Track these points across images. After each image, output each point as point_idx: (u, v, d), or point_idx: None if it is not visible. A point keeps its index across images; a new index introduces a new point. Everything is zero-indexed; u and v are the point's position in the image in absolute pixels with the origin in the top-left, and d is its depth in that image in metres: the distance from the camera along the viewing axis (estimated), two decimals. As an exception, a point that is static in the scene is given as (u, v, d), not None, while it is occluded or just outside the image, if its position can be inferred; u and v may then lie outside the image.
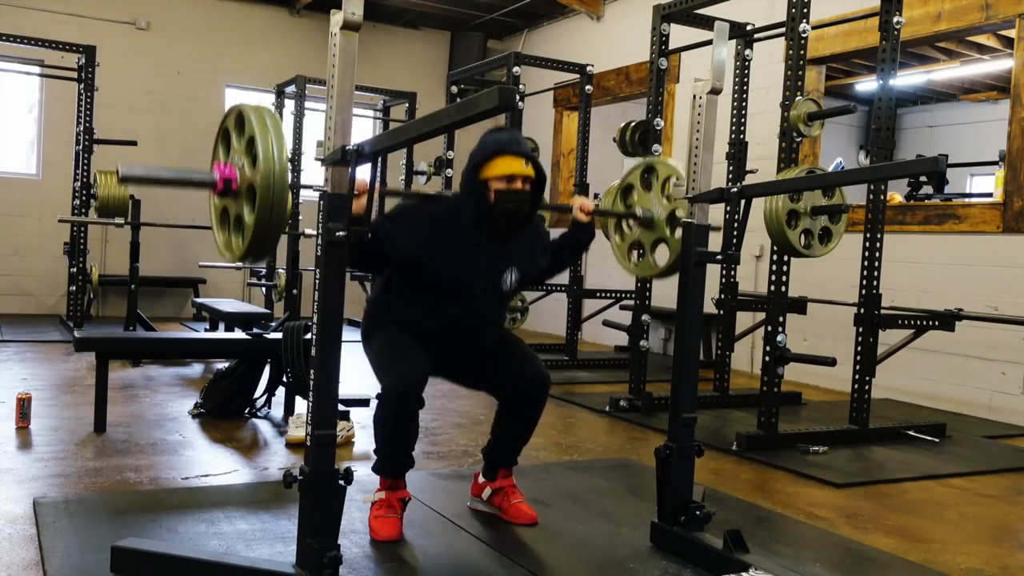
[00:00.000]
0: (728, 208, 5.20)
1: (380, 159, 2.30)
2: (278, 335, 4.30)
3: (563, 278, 7.04)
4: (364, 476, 3.07)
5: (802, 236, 4.11)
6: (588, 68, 6.90)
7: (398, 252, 2.60)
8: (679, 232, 2.76)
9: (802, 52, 4.32)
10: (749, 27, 5.38)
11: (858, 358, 4.56)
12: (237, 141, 2.14)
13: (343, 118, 2.05)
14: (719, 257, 2.68)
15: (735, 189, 2.68)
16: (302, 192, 8.13)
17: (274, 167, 2.00)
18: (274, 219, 2.03)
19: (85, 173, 7.34)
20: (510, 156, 2.61)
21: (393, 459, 2.71)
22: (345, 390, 3.16)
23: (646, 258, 3.00)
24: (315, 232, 2.10)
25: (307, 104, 8.10)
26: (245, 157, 2.09)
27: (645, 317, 5.23)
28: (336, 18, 2.02)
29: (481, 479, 2.98)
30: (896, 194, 6.95)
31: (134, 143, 7.53)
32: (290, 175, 2.04)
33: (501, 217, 2.63)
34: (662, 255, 3.00)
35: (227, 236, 2.20)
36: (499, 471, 2.92)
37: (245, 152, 2.09)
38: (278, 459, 3.62)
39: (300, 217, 7.97)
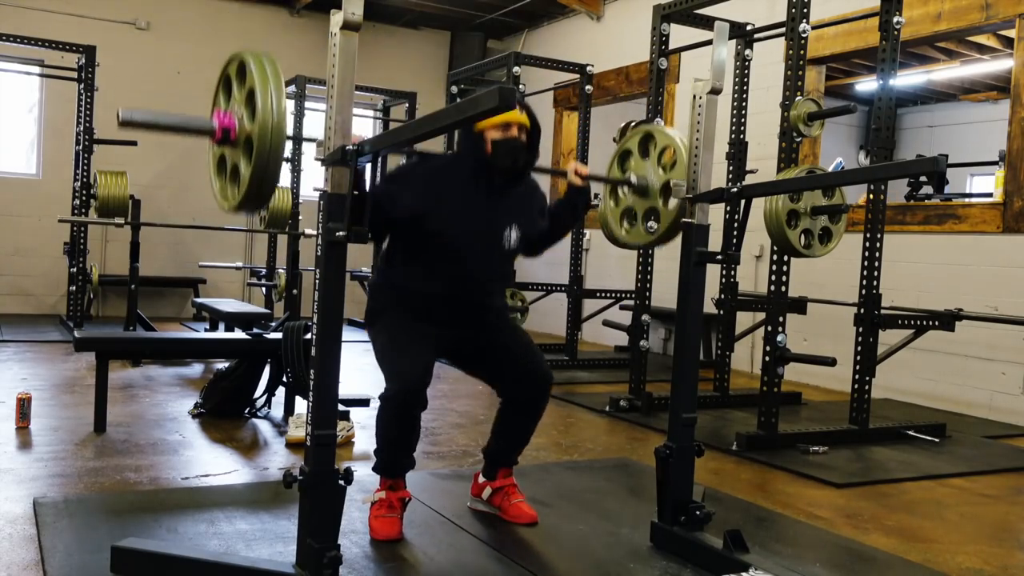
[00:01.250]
0: (728, 208, 5.21)
1: (380, 159, 2.30)
2: (278, 335, 4.30)
3: (563, 278, 7.04)
4: (364, 476, 3.07)
5: (802, 236, 4.11)
6: (588, 68, 6.90)
7: (399, 211, 2.59)
8: (672, 202, 2.74)
9: (802, 52, 4.32)
10: (749, 27, 5.38)
11: (858, 358, 4.56)
12: (238, 90, 2.12)
13: (343, 118, 2.05)
14: (719, 257, 2.68)
15: (735, 189, 2.68)
16: (302, 192, 8.14)
17: (272, 121, 1.99)
18: (270, 172, 2.03)
19: (85, 173, 7.34)
20: None
21: (393, 460, 2.71)
22: (345, 390, 3.16)
23: (637, 227, 2.97)
24: (315, 232, 2.10)
25: (307, 104, 8.10)
26: (245, 108, 2.07)
27: (645, 317, 5.23)
28: (336, 18, 2.02)
29: (481, 479, 2.98)
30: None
31: (134, 143, 7.50)
32: (290, 125, 2.03)
33: (499, 166, 2.65)
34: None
35: (223, 184, 2.19)
36: (499, 471, 2.92)
37: (245, 103, 2.07)
38: (278, 459, 3.62)
39: (300, 217, 7.96)
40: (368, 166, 2.13)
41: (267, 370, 4.45)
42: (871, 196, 4.57)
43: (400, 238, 2.74)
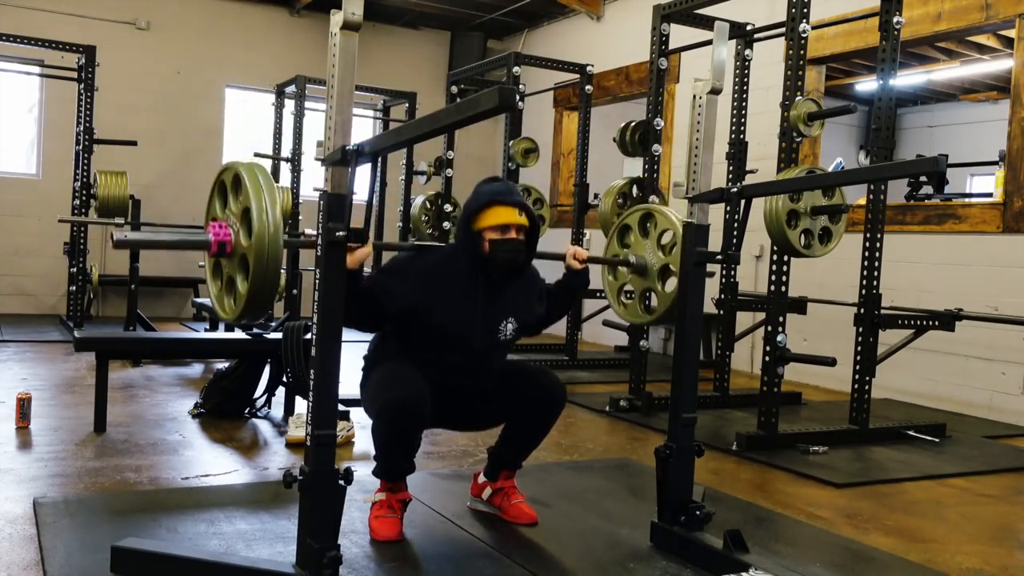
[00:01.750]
0: (728, 208, 5.21)
1: (380, 159, 2.30)
2: (278, 335, 4.30)
3: (563, 278, 7.03)
4: (364, 476, 3.07)
5: (802, 236, 4.11)
6: (588, 68, 6.90)
7: (395, 305, 2.59)
8: (671, 284, 2.80)
9: (802, 52, 4.32)
10: (749, 27, 5.38)
11: (858, 358, 4.56)
12: (233, 203, 2.15)
13: (343, 118, 2.05)
14: (719, 257, 2.68)
15: (735, 189, 2.68)
16: (302, 192, 8.13)
17: (267, 240, 2.01)
18: (267, 287, 2.06)
19: (85, 173, 7.34)
20: (503, 206, 2.63)
21: (393, 466, 2.70)
22: (345, 390, 3.16)
23: (634, 304, 3.05)
24: (315, 232, 2.10)
25: (307, 104, 8.10)
26: (241, 225, 2.10)
27: (645, 317, 5.22)
28: (336, 18, 2.02)
29: (482, 479, 2.98)
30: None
31: (134, 143, 7.53)
32: (283, 234, 2.05)
33: (496, 267, 2.65)
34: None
35: (220, 291, 2.23)
36: (501, 472, 2.93)
37: (241, 220, 2.10)
38: (278, 459, 3.62)
39: (300, 217, 7.96)
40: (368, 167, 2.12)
41: (267, 370, 4.45)
42: (871, 196, 4.57)
43: (394, 328, 2.73)
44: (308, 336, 4.06)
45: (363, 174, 2.16)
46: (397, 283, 2.62)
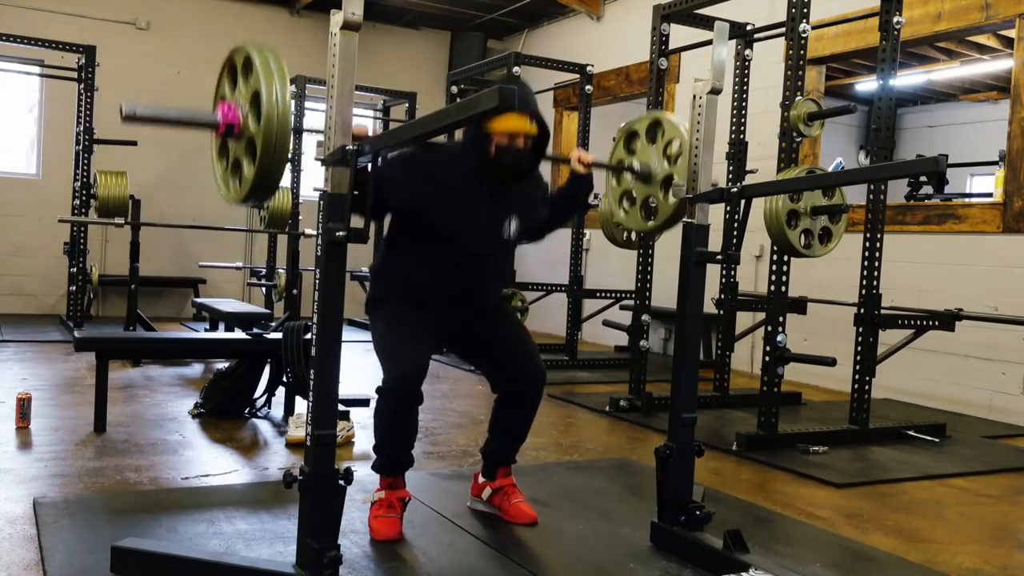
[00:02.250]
0: (728, 208, 5.21)
1: (380, 159, 2.30)
2: (278, 335, 4.30)
3: (563, 278, 7.04)
4: (364, 476, 3.07)
5: (802, 236, 4.11)
6: (588, 68, 6.90)
7: (397, 198, 2.59)
8: (672, 196, 2.74)
9: (802, 52, 4.32)
10: (749, 27, 5.38)
11: (858, 358, 4.56)
12: (243, 85, 2.09)
13: (343, 118, 2.05)
14: (719, 257, 2.68)
15: (735, 189, 2.68)
16: (302, 192, 8.13)
17: (276, 126, 1.97)
18: (273, 173, 2.02)
19: (85, 173, 7.34)
20: (516, 112, 2.58)
21: (393, 456, 2.71)
22: (345, 390, 3.16)
23: (634, 211, 2.97)
24: (315, 232, 2.10)
25: (307, 104, 8.10)
26: (250, 108, 2.05)
27: (645, 317, 5.23)
28: (336, 18, 2.02)
29: (481, 479, 2.98)
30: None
31: (134, 143, 7.51)
32: (292, 118, 2.00)
33: (500, 171, 2.64)
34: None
35: (225, 172, 2.17)
36: (498, 470, 2.92)
37: (250, 103, 2.05)
38: (278, 459, 3.62)
39: (300, 217, 7.96)
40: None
41: (267, 370, 4.45)
42: (871, 196, 4.57)
43: (401, 225, 2.74)
44: (308, 336, 4.06)
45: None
46: (401, 175, 2.61)
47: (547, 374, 2.86)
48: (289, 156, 2.06)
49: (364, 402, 4.30)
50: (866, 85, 9.60)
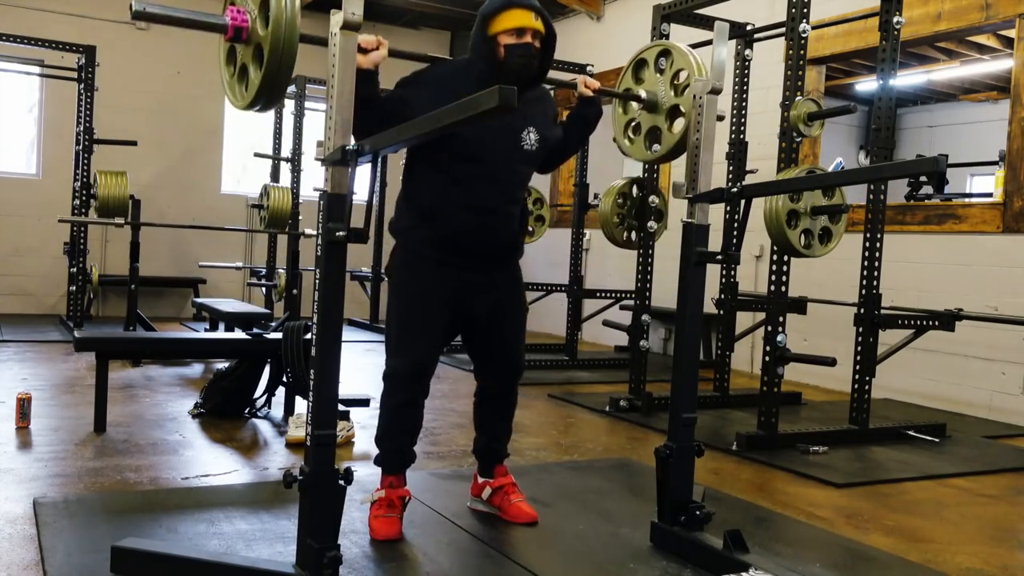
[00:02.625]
0: (728, 208, 5.21)
1: (380, 159, 2.31)
2: (278, 335, 4.30)
3: (563, 278, 7.04)
4: (364, 476, 3.07)
5: (802, 236, 4.11)
6: (588, 68, 6.89)
7: (411, 114, 2.45)
8: (678, 124, 2.73)
9: (802, 52, 4.32)
10: (749, 27, 5.38)
11: (858, 358, 4.56)
12: None
13: (343, 118, 2.06)
14: (719, 257, 2.68)
15: (735, 189, 2.68)
16: (302, 192, 8.13)
17: (284, 32, 1.95)
18: (281, 79, 2.01)
19: (85, 173, 7.34)
20: (519, 9, 2.57)
21: (396, 448, 2.72)
22: (345, 390, 3.16)
23: (639, 140, 2.97)
24: (315, 232, 2.10)
25: (307, 104, 8.10)
26: (258, 12, 2.03)
27: (645, 317, 5.23)
28: (336, 18, 2.02)
29: (480, 478, 2.98)
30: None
31: (134, 143, 7.53)
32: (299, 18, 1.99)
33: (511, 73, 2.57)
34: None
35: (232, 78, 2.17)
36: (495, 468, 2.93)
37: (259, 8, 2.03)
38: (278, 459, 3.62)
39: (300, 217, 7.96)
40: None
41: (267, 370, 4.45)
42: (871, 196, 4.57)
43: (418, 151, 2.69)
44: (308, 336, 4.06)
45: (363, 174, 2.16)
46: (413, 92, 2.59)
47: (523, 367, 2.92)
48: (294, 64, 2.01)
49: (364, 402, 4.30)
50: (866, 85, 9.60)
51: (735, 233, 2.71)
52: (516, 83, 2.49)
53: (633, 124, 3.02)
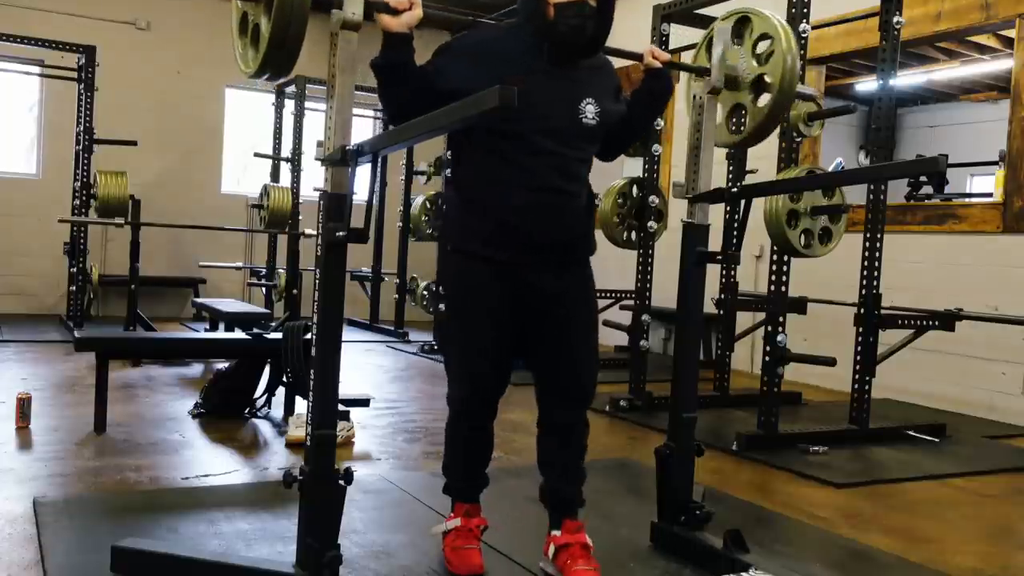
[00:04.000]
0: (728, 208, 5.21)
1: (380, 159, 2.30)
2: (278, 335, 4.30)
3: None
4: (364, 476, 3.07)
5: (802, 236, 4.11)
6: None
7: (447, 85, 2.15)
8: (763, 99, 2.51)
9: (802, 52, 4.31)
10: (749, 27, 5.37)
11: (858, 358, 4.56)
12: None
13: (343, 118, 2.05)
14: (719, 257, 2.68)
15: (735, 189, 2.67)
16: (302, 192, 8.14)
17: None
18: (291, 32, 1.93)
19: (85, 173, 7.34)
20: None
21: (469, 476, 2.48)
22: (345, 390, 3.16)
23: (722, 123, 2.70)
24: (315, 232, 2.10)
25: (307, 104, 8.10)
26: None
27: (645, 317, 5.23)
28: (336, 18, 2.02)
29: (550, 531, 2.47)
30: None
31: (134, 143, 7.52)
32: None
33: (563, 37, 2.23)
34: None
35: (245, 45, 2.10)
36: (563, 520, 2.43)
37: None
38: (278, 459, 3.62)
39: (300, 217, 7.96)
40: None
41: (267, 370, 4.44)
42: (871, 196, 4.57)
43: (461, 131, 2.34)
44: (308, 336, 4.06)
45: (363, 174, 2.16)
46: (451, 61, 2.26)
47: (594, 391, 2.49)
48: (307, 20, 1.95)
49: (364, 402, 4.30)
50: (866, 85, 9.59)
51: (735, 233, 2.71)
52: (569, 48, 2.28)
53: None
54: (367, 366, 6.33)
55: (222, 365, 4.63)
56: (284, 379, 4.29)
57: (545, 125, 2.26)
